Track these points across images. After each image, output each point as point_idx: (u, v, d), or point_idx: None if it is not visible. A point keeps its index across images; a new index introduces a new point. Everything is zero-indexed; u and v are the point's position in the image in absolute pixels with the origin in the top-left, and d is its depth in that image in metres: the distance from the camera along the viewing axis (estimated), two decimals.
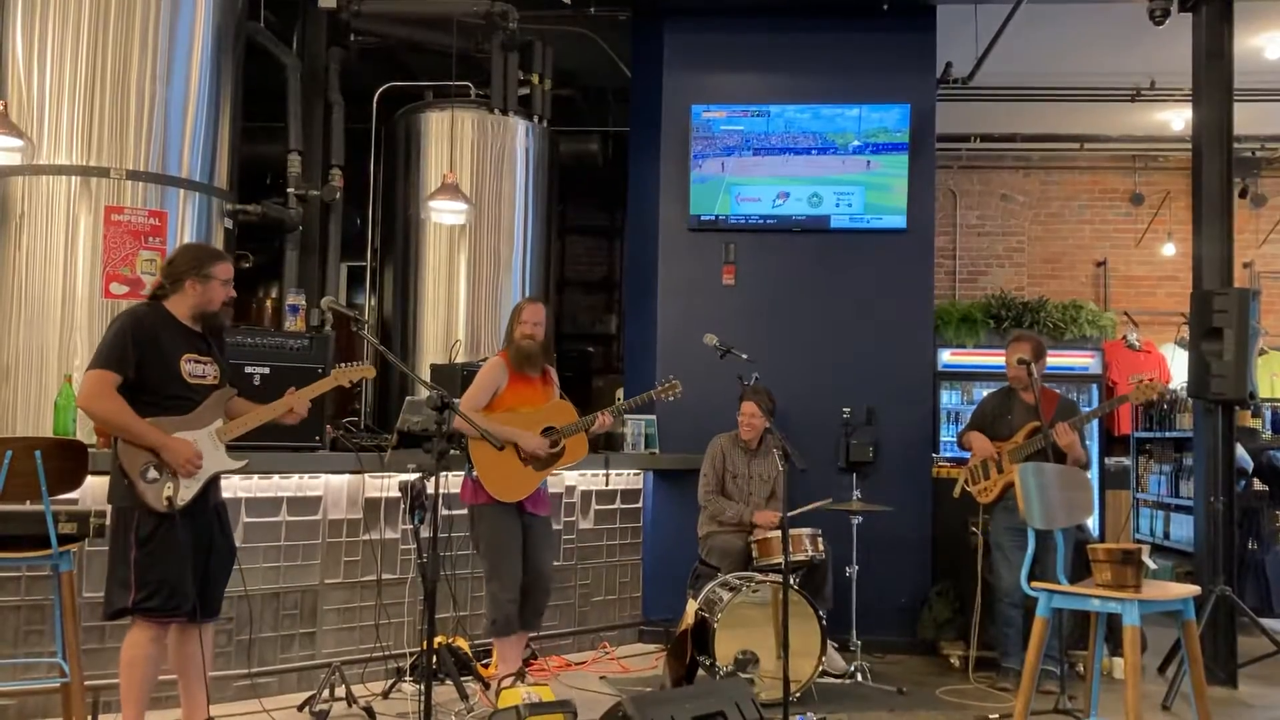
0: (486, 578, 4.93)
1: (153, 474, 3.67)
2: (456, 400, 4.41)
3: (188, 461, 3.72)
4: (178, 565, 3.69)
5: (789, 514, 4.75)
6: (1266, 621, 6.03)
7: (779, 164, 6.60)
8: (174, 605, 3.70)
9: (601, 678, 5.57)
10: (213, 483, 3.88)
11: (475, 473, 4.83)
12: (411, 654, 5.22)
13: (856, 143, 6.56)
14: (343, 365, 4.22)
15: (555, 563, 5.82)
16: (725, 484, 5.84)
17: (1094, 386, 7.91)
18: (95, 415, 3.75)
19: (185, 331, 3.85)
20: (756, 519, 5.64)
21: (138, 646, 3.72)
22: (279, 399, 4.02)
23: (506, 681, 4.79)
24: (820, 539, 5.43)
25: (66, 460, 3.76)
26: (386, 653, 5.20)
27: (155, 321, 3.79)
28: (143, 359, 3.70)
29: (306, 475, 5.04)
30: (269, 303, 8.14)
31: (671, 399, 5.24)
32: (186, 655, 3.90)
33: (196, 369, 3.84)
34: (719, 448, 5.90)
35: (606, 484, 6.30)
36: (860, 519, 5.67)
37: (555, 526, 5.95)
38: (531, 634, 5.25)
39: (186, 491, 3.73)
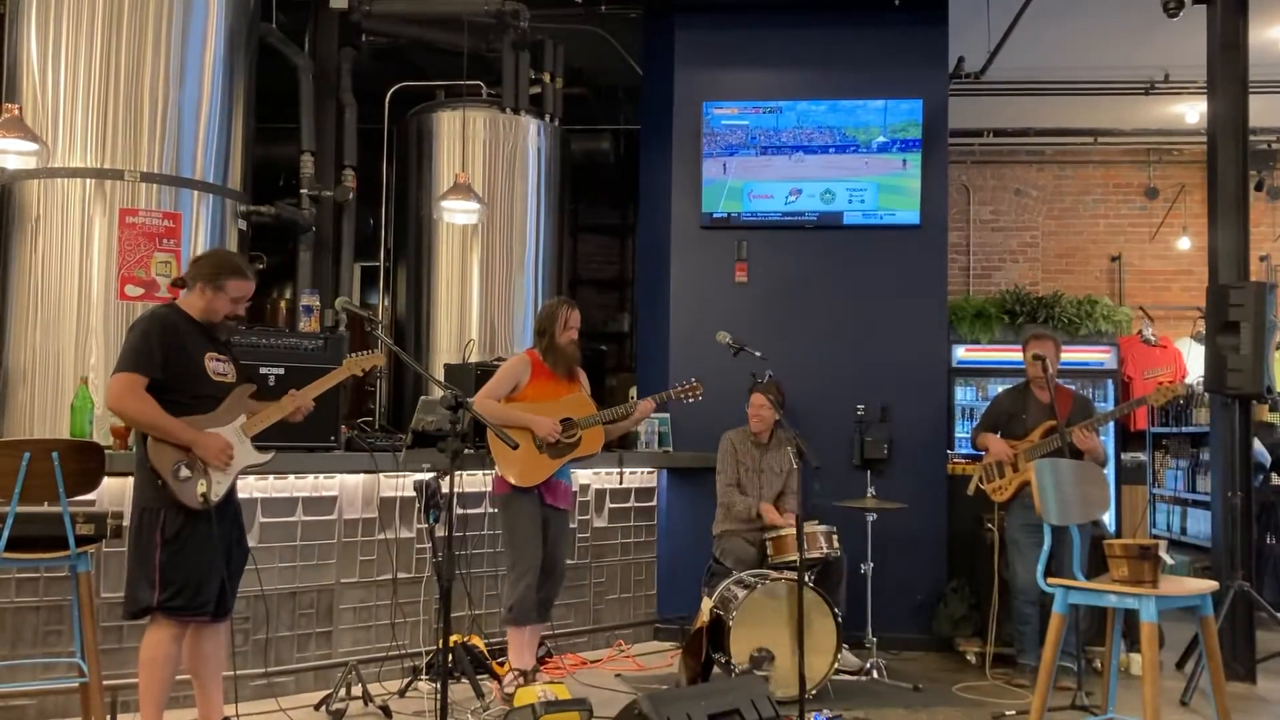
0: (508, 566, 4.97)
1: (185, 472, 3.70)
2: (470, 400, 4.44)
3: (221, 453, 3.75)
4: (203, 564, 3.73)
5: (799, 508, 4.76)
6: None
7: (793, 160, 6.59)
8: (198, 604, 3.73)
9: (617, 675, 5.58)
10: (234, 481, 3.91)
11: (492, 457, 4.88)
12: (427, 652, 5.23)
13: (882, 139, 6.54)
14: (353, 355, 4.26)
15: (570, 561, 5.82)
16: (739, 477, 5.83)
17: (1109, 382, 7.87)
18: (125, 416, 3.79)
19: (203, 330, 3.90)
20: (763, 510, 5.63)
21: (157, 645, 3.74)
22: (287, 396, 4.04)
23: (510, 678, 4.83)
24: (835, 536, 5.42)
25: (83, 462, 3.78)
26: (402, 651, 5.21)
27: (177, 321, 3.83)
28: (169, 358, 3.73)
29: (322, 475, 5.06)
30: (283, 303, 8.17)
31: (691, 401, 5.25)
32: (203, 655, 3.92)
33: (219, 366, 3.89)
34: (730, 443, 5.89)
35: (620, 482, 6.30)
36: (875, 516, 5.66)
37: (570, 525, 5.97)
38: (544, 629, 5.25)
39: (219, 487, 3.77)
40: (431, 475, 3.92)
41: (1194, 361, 8.38)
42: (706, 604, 5.14)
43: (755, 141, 6.62)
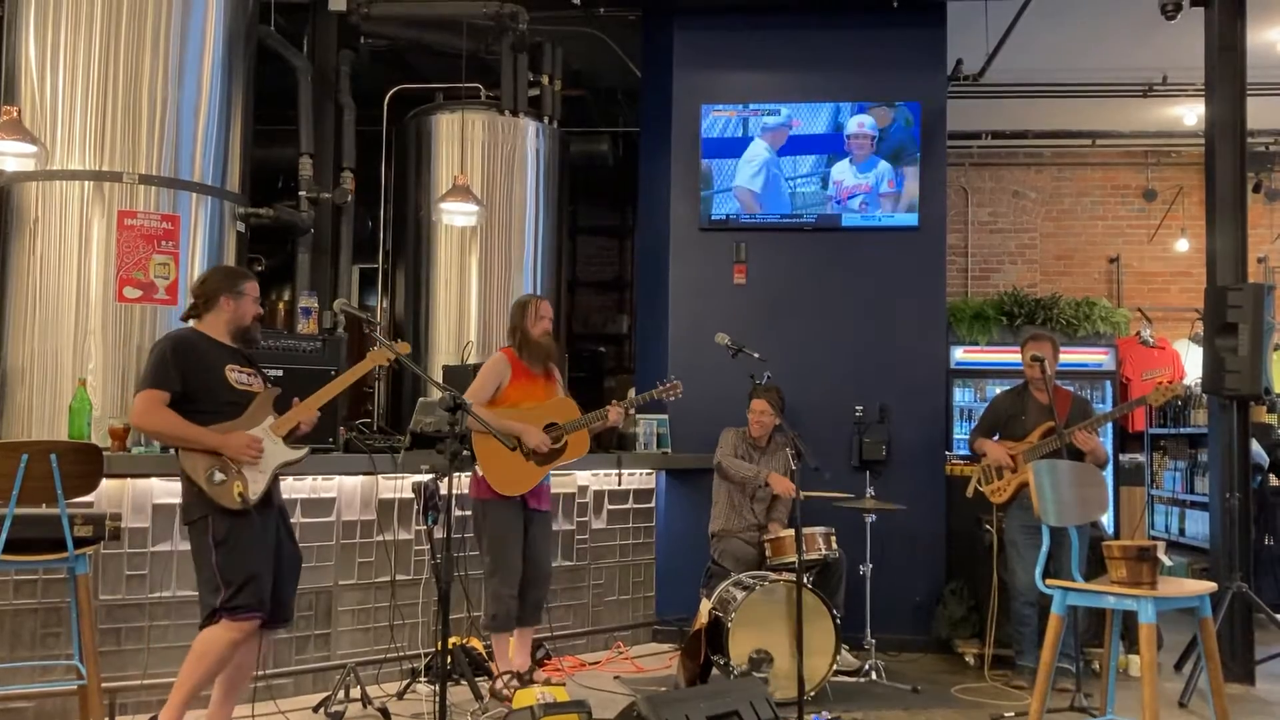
0: (487, 573, 4.95)
1: (219, 475, 3.71)
2: (469, 401, 4.44)
3: (247, 448, 3.76)
4: (256, 561, 3.74)
5: (807, 494, 4.75)
6: None
7: (792, 162, 6.60)
8: (260, 601, 3.73)
9: (616, 677, 5.57)
10: (274, 483, 3.90)
11: (478, 466, 4.86)
12: (426, 654, 5.23)
13: (881, 140, 6.54)
14: (376, 346, 4.17)
15: (568, 563, 5.84)
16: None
17: (1107, 383, 7.87)
18: (150, 430, 3.83)
19: (224, 347, 3.93)
20: (771, 479, 5.62)
21: (214, 641, 3.70)
22: (308, 398, 4.03)
23: (504, 679, 4.82)
24: (833, 538, 5.42)
25: (82, 464, 3.78)
26: (401, 653, 5.21)
27: (194, 340, 3.88)
28: (187, 373, 3.77)
29: (320, 477, 5.05)
30: (281, 305, 8.17)
31: (673, 399, 5.27)
32: (236, 662, 3.87)
33: (241, 377, 3.92)
34: (730, 438, 5.89)
35: (619, 484, 6.31)
36: (874, 517, 5.66)
37: (568, 526, 5.98)
38: (534, 630, 5.23)
39: (256, 486, 3.77)
40: (430, 477, 3.93)
41: (1192, 363, 8.38)
42: (705, 605, 5.14)
43: (754, 143, 6.62)
